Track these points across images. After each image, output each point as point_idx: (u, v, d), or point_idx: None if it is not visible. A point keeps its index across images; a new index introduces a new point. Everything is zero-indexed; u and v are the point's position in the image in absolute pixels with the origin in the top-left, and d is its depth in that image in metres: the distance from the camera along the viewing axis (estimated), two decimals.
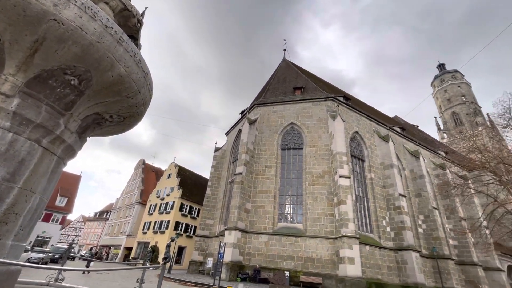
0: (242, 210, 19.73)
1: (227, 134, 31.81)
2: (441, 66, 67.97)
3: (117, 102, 2.66)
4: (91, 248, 47.46)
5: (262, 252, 18.60)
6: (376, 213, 21.28)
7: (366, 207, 21.63)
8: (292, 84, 28.87)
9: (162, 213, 35.50)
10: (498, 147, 16.90)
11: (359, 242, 16.96)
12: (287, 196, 21.14)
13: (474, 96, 59.86)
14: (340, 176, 18.62)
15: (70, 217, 68.14)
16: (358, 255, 16.16)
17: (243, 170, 21.00)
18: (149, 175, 49.19)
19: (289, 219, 20.19)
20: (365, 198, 22.03)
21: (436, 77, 65.93)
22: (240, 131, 25.40)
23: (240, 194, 19.99)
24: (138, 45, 3.37)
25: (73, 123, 2.52)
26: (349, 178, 19.01)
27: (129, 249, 38.91)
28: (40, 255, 19.59)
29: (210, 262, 21.07)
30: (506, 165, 13.41)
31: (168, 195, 36.69)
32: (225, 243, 15.70)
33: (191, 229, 35.08)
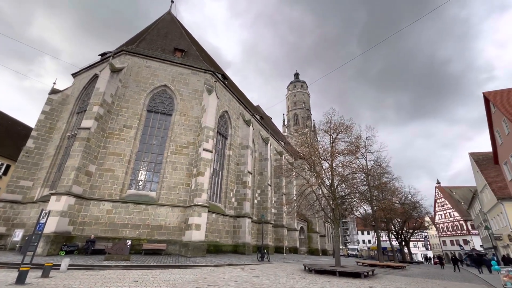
0: (83, 173, 16.26)
1: (75, 75, 24.57)
2: (296, 75, 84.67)
3: None
4: None
5: (102, 221, 16.38)
6: (226, 186, 24.07)
7: (219, 180, 23.91)
8: (174, 43, 26.17)
9: None
10: (315, 146, 23.61)
11: (208, 211, 18.59)
12: (143, 162, 19.48)
13: (310, 105, 79.30)
14: (204, 150, 19.31)
15: None
16: (205, 222, 17.66)
17: (92, 124, 17.12)
18: None
19: (141, 187, 18.82)
20: (220, 172, 24.25)
21: (291, 82, 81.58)
22: (96, 76, 20.37)
23: (83, 153, 16.30)
24: None
25: None
26: (212, 152, 20.11)
27: None
28: None
29: (18, 235, 16.18)
30: (317, 159, 19.01)
31: None
32: (49, 211, 12.32)
33: None
